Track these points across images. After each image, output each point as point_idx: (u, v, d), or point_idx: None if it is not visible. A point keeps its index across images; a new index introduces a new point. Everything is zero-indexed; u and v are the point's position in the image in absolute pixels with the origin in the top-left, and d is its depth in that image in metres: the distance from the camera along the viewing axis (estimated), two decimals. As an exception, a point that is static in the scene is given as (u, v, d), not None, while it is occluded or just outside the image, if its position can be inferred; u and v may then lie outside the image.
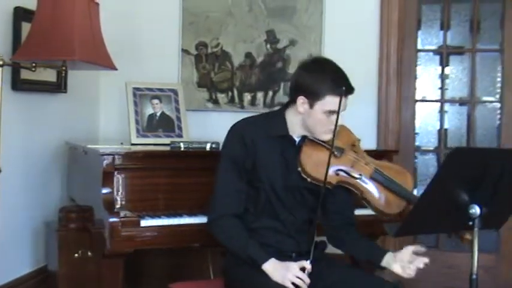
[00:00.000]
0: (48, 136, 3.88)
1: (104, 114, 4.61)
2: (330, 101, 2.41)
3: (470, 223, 2.01)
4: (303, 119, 2.51)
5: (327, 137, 2.49)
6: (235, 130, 2.59)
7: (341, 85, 2.40)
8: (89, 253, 3.46)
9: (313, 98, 2.44)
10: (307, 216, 2.62)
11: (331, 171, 2.46)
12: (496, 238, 4.25)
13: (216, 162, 3.01)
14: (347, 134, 2.60)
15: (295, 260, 2.50)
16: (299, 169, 2.51)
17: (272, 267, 2.42)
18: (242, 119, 2.64)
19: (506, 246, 4.25)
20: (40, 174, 3.82)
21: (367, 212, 3.10)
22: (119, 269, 2.86)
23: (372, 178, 2.52)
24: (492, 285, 4.09)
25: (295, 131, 2.56)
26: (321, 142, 2.51)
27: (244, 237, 2.49)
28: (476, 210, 1.99)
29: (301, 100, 2.47)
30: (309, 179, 2.50)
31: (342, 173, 2.50)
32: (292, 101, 2.54)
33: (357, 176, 2.51)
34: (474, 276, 2.02)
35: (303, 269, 2.37)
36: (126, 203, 2.87)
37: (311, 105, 2.45)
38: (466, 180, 1.96)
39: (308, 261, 2.37)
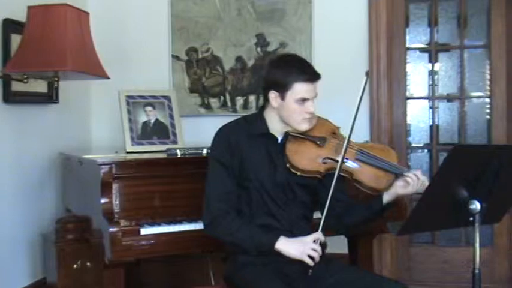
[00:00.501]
0: (41, 147, 3.87)
1: (95, 123, 4.61)
2: (299, 89, 2.52)
3: (471, 219, 2.03)
4: (279, 113, 2.60)
5: (305, 126, 2.58)
6: (221, 133, 2.66)
7: (306, 72, 2.54)
8: (88, 264, 3.45)
9: (283, 89, 2.54)
10: (302, 211, 2.66)
11: (318, 161, 2.56)
12: (490, 232, 4.28)
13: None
14: (325, 123, 2.68)
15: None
16: (287, 165, 2.57)
17: (286, 245, 2.46)
18: (226, 123, 2.71)
19: (500, 240, 4.29)
20: (34, 186, 3.81)
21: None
22: (120, 278, 2.87)
23: (357, 159, 2.60)
24: (487, 278, 4.11)
25: (276, 129, 2.64)
26: (303, 136, 2.59)
27: (246, 227, 2.52)
28: (476, 206, 2.01)
29: (272, 95, 2.57)
30: (298, 173, 2.56)
31: (328, 161, 2.58)
32: (267, 100, 2.63)
33: (343, 160, 2.56)
34: (477, 271, 2.05)
35: (316, 241, 2.44)
36: (125, 212, 2.86)
37: (283, 97, 2.55)
38: (466, 177, 1.99)
39: (320, 232, 2.44)
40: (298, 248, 2.44)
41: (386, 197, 2.57)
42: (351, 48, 4.27)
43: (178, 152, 3.16)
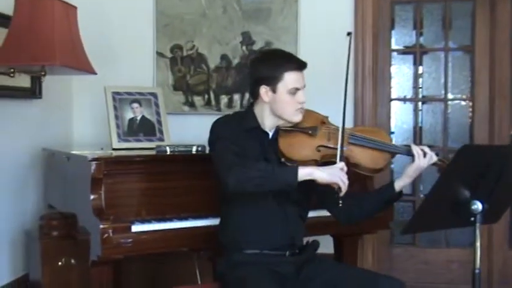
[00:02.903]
0: (24, 143, 3.80)
1: (76, 119, 4.53)
2: (290, 78, 2.55)
3: (472, 219, 2.05)
4: (271, 108, 2.60)
5: (298, 117, 2.60)
6: (219, 121, 2.65)
7: (294, 61, 2.59)
8: (73, 261, 3.41)
9: (273, 82, 2.55)
10: (296, 209, 2.65)
11: (312, 150, 2.58)
12: (470, 233, 4.31)
13: (202, 165, 3.02)
14: (313, 114, 2.70)
15: (289, 257, 2.58)
16: (283, 160, 2.56)
17: (316, 169, 2.41)
18: (220, 117, 2.70)
19: (480, 241, 4.33)
20: (16, 182, 3.73)
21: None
22: (109, 276, 2.83)
23: (350, 143, 2.61)
24: (467, 278, 4.12)
25: (266, 124, 2.64)
26: (294, 128, 2.61)
27: (265, 163, 2.47)
28: (478, 206, 2.04)
29: (263, 89, 2.57)
30: (295, 165, 2.52)
31: (322, 149, 2.60)
32: (256, 97, 2.63)
33: (336, 146, 2.56)
34: (477, 271, 2.06)
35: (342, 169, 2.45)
36: (115, 209, 2.81)
37: (274, 90, 2.56)
38: (470, 177, 2.00)
39: (341, 162, 2.46)
40: (330, 172, 2.41)
41: (400, 183, 2.58)
42: (336, 49, 4.25)
43: (167, 149, 3.12)
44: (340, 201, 2.43)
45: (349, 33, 2.70)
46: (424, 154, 2.53)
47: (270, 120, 2.63)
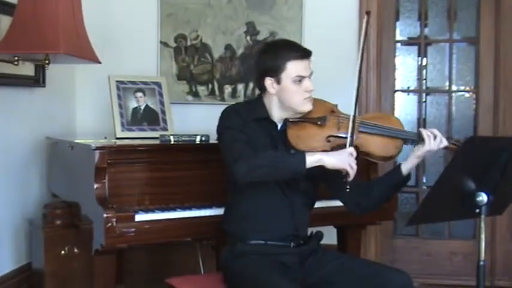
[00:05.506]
0: (27, 131, 3.80)
1: (79, 109, 4.53)
2: (293, 67, 2.51)
3: (477, 211, 2.04)
4: (278, 99, 2.57)
5: (307, 106, 2.56)
6: (229, 110, 2.62)
7: (296, 49, 2.55)
8: (76, 250, 3.42)
9: (277, 73, 2.52)
10: (304, 200, 2.64)
11: (322, 141, 2.54)
12: (473, 225, 4.32)
13: (206, 155, 3.03)
14: (322, 103, 2.65)
15: (294, 247, 2.57)
16: (292, 152, 2.53)
17: (324, 155, 2.40)
18: (230, 105, 2.68)
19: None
20: (19, 170, 3.73)
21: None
22: (112, 265, 2.83)
23: (361, 131, 2.56)
24: (470, 270, 4.16)
25: (275, 115, 2.61)
26: (302, 119, 2.57)
27: (273, 159, 2.42)
28: (483, 197, 2.03)
29: (268, 81, 2.55)
30: None
31: (332, 139, 2.56)
32: (262, 89, 2.61)
33: (346, 135, 2.53)
34: (482, 263, 2.06)
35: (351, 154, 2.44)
36: (119, 198, 2.81)
37: (279, 81, 2.53)
38: (475, 169, 1.99)
39: (351, 148, 2.44)
40: (339, 157, 2.40)
41: (408, 165, 2.56)
42: (341, 39, 4.26)
43: (171, 138, 3.12)
44: (348, 187, 2.41)
45: (367, 13, 2.62)
46: (435, 137, 2.48)
47: (279, 112, 2.60)
